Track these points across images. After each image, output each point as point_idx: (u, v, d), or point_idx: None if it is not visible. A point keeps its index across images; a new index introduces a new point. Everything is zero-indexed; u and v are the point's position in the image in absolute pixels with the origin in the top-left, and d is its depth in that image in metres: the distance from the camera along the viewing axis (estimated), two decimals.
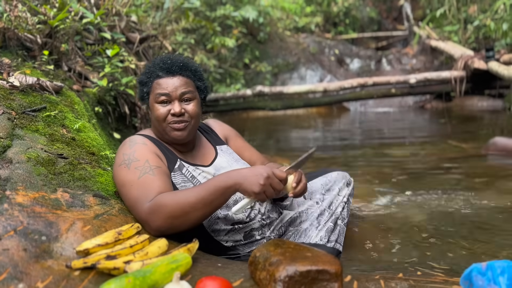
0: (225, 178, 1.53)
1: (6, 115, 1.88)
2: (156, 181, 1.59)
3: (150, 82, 1.77)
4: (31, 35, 2.53)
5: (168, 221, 1.50)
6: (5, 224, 1.32)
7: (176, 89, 1.73)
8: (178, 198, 1.52)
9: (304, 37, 10.73)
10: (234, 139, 2.06)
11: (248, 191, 1.50)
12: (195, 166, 1.80)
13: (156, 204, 1.51)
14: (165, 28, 4.36)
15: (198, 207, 1.51)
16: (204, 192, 1.51)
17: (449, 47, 7.45)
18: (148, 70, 1.79)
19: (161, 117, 1.73)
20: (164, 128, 1.75)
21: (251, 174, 1.50)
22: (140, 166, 1.62)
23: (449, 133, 5.63)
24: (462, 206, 2.55)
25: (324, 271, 1.22)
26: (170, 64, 1.75)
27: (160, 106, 1.73)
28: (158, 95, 1.72)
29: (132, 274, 1.14)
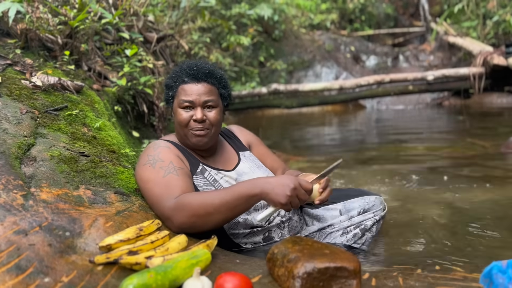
0: (251, 186, 1.54)
1: (29, 114, 1.93)
2: (179, 181, 1.63)
3: (176, 87, 1.81)
4: (52, 36, 2.59)
5: (191, 220, 1.54)
6: (30, 220, 1.36)
7: (200, 96, 1.76)
8: (203, 198, 1.55)
9: (320, 34, 10.68)
10: (257, 146, 2.09)
11: (274, 202, 1.51)
12: (217, 170, 1.83)
13: (180, 202, 1.55)
14: (182, 28, 4.40)
15: (221, 210, 1.54)
16: (228, 197, 1.54)
17: (467, 43, 7.34)
18: (175, 74, 1.83)
19: (183, 122, 1.77)
20: (186, 133, 1.79)
21: (277, 185, 1.51)
22: (164, 166, 1.66)
23: (468, 130, 5.56)
24: (480, 203, 2.53)
25: (342, 268, 1.23)
26: (196, 70, 1.78)
27: (183, 111, 1.77)
28: (182, 101, 1.77)
29: (153, 269, 1.16)
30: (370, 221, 1.85)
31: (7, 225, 1.32)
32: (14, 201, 1.42)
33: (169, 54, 3.97)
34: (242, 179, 1.84)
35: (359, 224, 1.85)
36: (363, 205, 1.91)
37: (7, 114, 1.86)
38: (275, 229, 1.82)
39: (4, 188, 1.45)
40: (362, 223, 1.85)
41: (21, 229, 1.32)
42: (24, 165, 1.62)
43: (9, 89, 2.04)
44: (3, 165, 1.54)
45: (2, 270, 1.16)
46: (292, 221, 1.87)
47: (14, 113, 1.88)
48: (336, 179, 3.43)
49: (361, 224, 1.85)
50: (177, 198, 1.57)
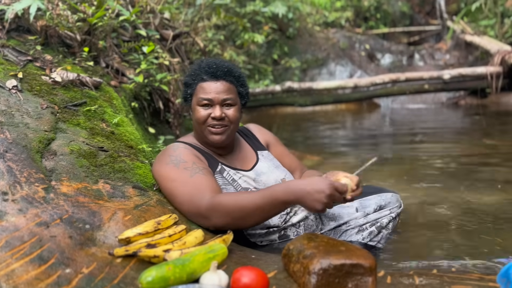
0: (287, 192, 1.53)
1: (49, 109, 1.97)
2: (208, 180, 1.66)
3: (194, 84, 1.83)
4: (71, 33, 2.63)
5: (227, 220, 1.57)
6: (52, 213, 1.40)
7: (218, 94, 1.78)
8: (239, 201, 1.57)
9: (334, 32, 10.61)
10: (275, 146, 2.10)
11: (310, 208, 1.52)
12: (235, 170, 1.85)
13: (216, 203, 1.58)
14: (197, 25, 4.42)
15: (256, 213, 1.57)
16: (264, 202, 1.55)
17: (485, 42, 7.23)
18: (194, 72, 1.84)
19: (201, 119, 1.79)
20: (203, 130, 1.81)
21: (313, 191, 1.49)
22: (189, 167, 1.69)
23: (484, 130, 5.49)
24: (497, 203, 2.51)
25: (358, 265, 1.23)
26: (215, 68, 1.79)
27: (202, 109, 1.79)
28: (200, 99, 1.78)
29: (172, 262, 1.19)
30: (386, 219, 1.85)
31: (29, 217, 1.35)
32: (36, 193, 1.46)
33: (185, 52, 3.99)
34: (261, 179, 1.86)
35: (375, 221, 1.85)
36: (379, 202, 1.91)
37: (28, 109, 1.90)
38: (291, 227, 1.83)
39: (26, 181, 1.48)
40: (378, 220, 1.85)
41: (43, 221, 1.35)
42: (45, 159, 1.66)
43: (30, 85, 2.08)
44: (25, 159, 1.58)
45: (25, 260, 1.20)
46: (308, 220, 1.88)
47: (35, 108, 1.92)
48: None
49: (376, 222, 1.85)
50: (211, 198, 1.59)
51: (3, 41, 2.39)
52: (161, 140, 2.74)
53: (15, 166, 1.52)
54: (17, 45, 2.44)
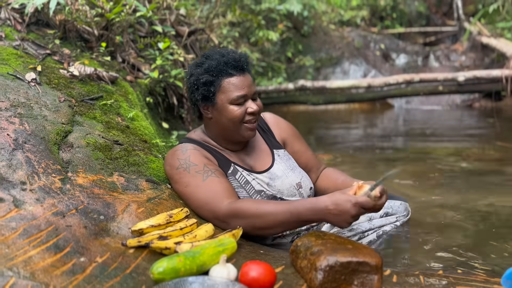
0: (311, 212, 1.49)
1: (67, 102, 2.02)
2: (222, 183, 1.65)
3: (219, 81, 1.70)
4: (89, 27, 2.68)
5: (247, 228, 1.55)
6: (67, 203, 1.45)
7: (250, 88, 1.72)
8: (260, 210, 1.54)
9: (349, 31, 10.57)
10: (292, 142, 2.02)
11: (335, 225, 1.51)
12: (248, 172, 1.81)
13: (236, 210, 1.56)
14: (212, 22, 4.46)
15: (276, 226, 1.55)
16: (287, 217, 1.52)
17: (501, 45, 7.15)
18: (214, 68, 1.70)
19: (239, 118, 1.71)
20: (238, 128, 1.74)
21: (338, 213, 1.44)
22: (200, 170, 1.67)
23: (498, 133, 5.43)
24: (507, 207, 2.50)
25: (364, 263, 1.26)
26: (241, 62, 1.72)
27: (236, 107, 1.70)
28: (236, 97, 1.69)
29: (182, 254, 1.22)
30: (389, 227, 1.82)
31: (46, 206, 1.40)
32: (53, 184, 1.50)
33: (199, 48, 4.03)
34: (275, 184, 1.80)
35: (378, 228, 1.82)
36: (387, 207, 1.86)
37: (47, 101, 1.95)
38: (304, 232, 1.83)
39: (44, 172, 1.53)
40: (381, 228, 1.81)
41: (59, 211, 1.40)
42: (62, 151, 1.71)
43: (48, 78, 2.14)
44: (43, 150, 1.63)
45: (42, 248, 1.24)
46: (320, 225, 1.87)
47: (53, 101, 1.97)
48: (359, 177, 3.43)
49: (379, 229, 1.82)
50: (230, 204, 1.57)
51: (23, 34, 2.45)
52: (174, 135, 2.79)
53: (33, 157, 1.57)
54: (36, 38, 2.50)
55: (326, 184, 2.00)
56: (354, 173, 3.61)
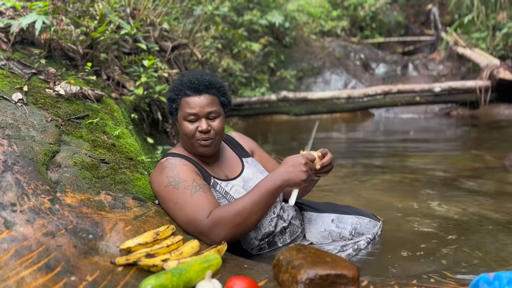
0: (273, 179, 1.73)
1: (54, 122, 2.06)
2: (208, 197, 1.75)
3: (178, 99, 1.90)
4: (74, 46, 2.73)
5: (231, 231, 1.68)
6: (57, 223, 1.49)
7: (203, 108, 1.86)
8: (236, 207, 1.69)
9: (330, 41, 10.78)
10: (258, 152, 2.20)
11: (297, 183, 1.72)
12: (226, 182, 1.93)
13: (216, 218, 1.68)
14: (195, 36, 4.53)
15: (255, 210, 1.70)
16: (257, 197, 1.71)
17: (475, 56, 7.40)
18: (177, 88, 1.91)
19: (189, 134, 1.87)
20: (193, 143, 1.89)
21: (292, 168, 1.72)
22: (189, 186, 1.76)
23: (473, 142, 5.63)
24: (479, 215, 2.61)
25: (342, 275, 1.34)
26: (197, 83, 1.87)
27: (189, 124, 1.87)
28: (187, 114, 1.86)
29: (169, 271, 1.28)
30: (363, 241, 1.95)
31: (36, 227, 1.45)
32: (42, 205, 1.55)
33: (183, 62, 4.10)
34: (249, 185, 1.95)
35: (353, 244, 1.94)
36: (355, 224, 2.00)
37: (34, 122, 1.99)
38: (278, 234, 1.94)
39: (33, 193, 1.58)
40: (356, 243, 1.93)
41: (49, 231, 1.45)
42: (50, 171, 1.75)
43: (34, 98, 2.18)
44: (32, 171, 1.67)
45: (34, 269, 1.29)
46: (293, 226, 2.00)
47: (40, 121, 2.02)
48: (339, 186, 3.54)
49: (355, 245, 1.94)
50: (210, 216, 1.68)
51: (8, 54, 2.49)
52: (160, 150, 2.84)
53: (22, 178, 1.61)
54: (22, 58, 2.54)
55: None
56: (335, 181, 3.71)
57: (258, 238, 1.89)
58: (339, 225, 2.01)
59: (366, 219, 2.02)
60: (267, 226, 1.90)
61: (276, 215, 1.92)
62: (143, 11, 3.38)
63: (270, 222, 1.91)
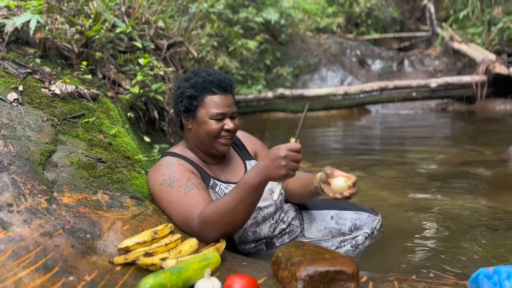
0: (252, 176, 1.62)
1: (50, 121, 2.05)
2: (202, 195, 1.73)
3: (202, 96, 1.85)
4: (69, 45, 2.71)
5: (220, 230, 1.65)
6: (55, 223, 1.48)
7: (229, 107, 1.86)
8: (220, 207, 1.64)
9: (326, 38, 10.76)
10: (262, 152, 2.17)
11: (277, 178, 1.59)
12: (226, 184, 1.91)
13: (203, 219, 1.65)
14: (191, 34, 4.52)
15: (240, 209, 1.63)
16: (239, 195, 1.63)
17: (471, 51, 7.41)
18: (201, 85, 1.85)
19: (215, 132, 1.85)
20: (213, 141, 1.87)
21: (271, 162, 1.58)
22: (183, 184, 1.75)
23: (470, 137, 5.64)
24: (478, 210, 2.62)
25: (341, 271, 1.33)
26: (225, 82, 1.87)
27: (214, 122, 1.84)
28: (215, 113, 1.83)
29: (168, 270, 1.28)
30: (361, 237, 1.95)
31: (34, 227, 1.44)
32: (39, 205, 1.54)
33: (179, 60, 4.09)
34: None
35: (351, 239, 1.95)
36: (355, 219, 2.00)
37: (30, 121, 1.98)
38: (277, 236, 1.94)
39: (30, 193, 1.57)
40: (354, 239, 1.94)
41: (46, 231, 1.44)
42: (47, 171, 1.74)
43: (30, 97, 2.17)
44: (28, 171, 1.66)
45: (31, 269, 1.28)
46: (293, 227, 2.00)
47: (35, 121, 2.00)
48: None
49: (353, 240, 1.94)
50: (198, 216, 1.66)
51: (3, 53, 2.47)
52: (156, 149, 2.83)
53: (19, 178, 1.60)
54: (17, 57, 2.52)
55: (292, 184, 2.08)
56: None
57: (256, 240, 1.89)
58: (338, 222, 2.01)
59: (365, 214, 2.02)
60: (267, 232, 1.90)
61: (275, 221, 1.91)
62: (138, 9, 3.37)
63: (270, 228, 1.90)
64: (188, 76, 1.92)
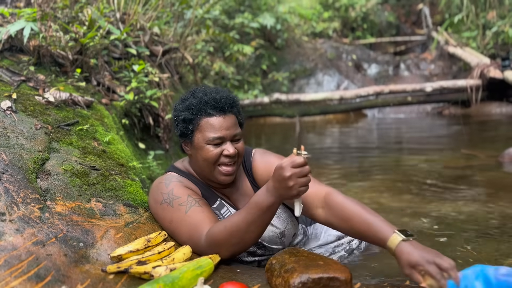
0: (265, 196, 1.49)
1: (43, 129, 2.05)
2: (204, 211, 1.62)
3: (198, 119, 1.69)
4: (63, 52, 2.71)
5: (230, 250, 1.56)
6: (47, 232, 1.48)
7: (229, 130, 1.68)
8: (229, 227, 1.53)
9: (322, 42, 10.80)
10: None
11: (287, 198, 1.46)
12: (234, 209, 1.80)
13: (211, 239, 1.55)
14: (186, 40, 4.53)
15: (251, 229, 1.53)
16: (251, 216, 1.51)
17: (466, 55, 7.45)
18: (195, 106, 1.69)
19: (213, 159, 1.68)
20: (213, 170, 1.71)
21: (278, 183, 1.44)
22: (183, 202, 1.64)
23: (466, 140, 5.66)
24: (473, 214, 2.62)
25: (334, 278, 1.33)
26: (223, 102, 1.68)
27: (212, 148, 1.68)
28: (212, 138, 1.66)
29: (162, 279, 1.27)
30: (355, 241, 1.91)
31: (26, 236, 1.43)
32: (32, 213, 1.54)
33: (174, 66, 4.09)
34: None
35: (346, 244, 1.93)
36: None
37: (23, 129, 1.98)
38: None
39: (22, 202, 1.56)
40: (349, 244, 1.92)
41: (39, 240, 1.43)
42: (40, 179, 1.74)
43: (24, 105, 2.16)
44: (21, 180, 1.66)
45: (23, 279, 1.28)
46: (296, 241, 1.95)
47: (29, 129, 2.00)
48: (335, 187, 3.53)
49: (347, 245, 1.92)
50: (206, 235, 1.56)
51: None
52: (151, 156, 2.83)
53: (11, 187, 1.60)
54: (11, 65, 2.52)
55: (337, 223, 1.66)
56: (330, 182, 3.72)
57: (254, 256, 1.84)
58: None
59: None
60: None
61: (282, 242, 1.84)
62: (133, 16, 3.37)
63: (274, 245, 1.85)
64: (185, 97, 1.76)
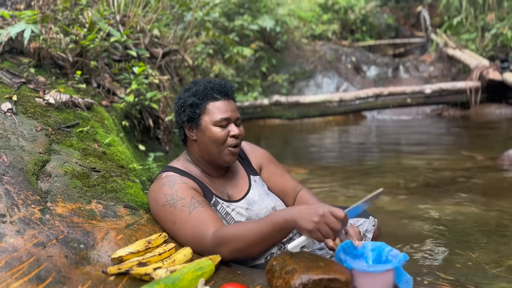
0: (283, 214, 1.52)
1: (44, 131, 2.05)
2: (208, 212, 1.66)
3: (204, 104, 1.81)
4: (64, 54, 2.71)
5: (233, 254, 1.58)
6: (48, 233, 1.48)
7: (233, 112, 1.83)
8: (241, 233, 1.57)
9: (321, 44, 10.82)
10: (267, 166, 2.08)
11: (301, 228, 1.46)
12: (228, 202, 1.85)
13: (219, 239, 1.58)
14: (186, 42, 4.53)
15: (259, 242, 1.56)
16: (264, 228, 1.54)
17: (465, 57, 7.47)
18: (202, 92, 1.82)
19: (221, 139, 1.80)
20: (221, 150, 1.82)
21: (306, 211, 1.45)
22: (187, 203, 1.68)
23: (465, 142, 5.67)
24: (473, 216, 2.63)
25: (335, 279, 1.34)
26: (226, 88, 1.84)
27: (219, 129, 1.80)
28: (219, 119, 1.79)
29: (162, 281, 1.27)
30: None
31: (27, 238, 1.43)
32: (33, 215, 1.54)
33: (174, 68, 4.10)
34: (252, 209, 1.87)
35: None
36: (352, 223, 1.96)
37: (23, 131, 1.98)
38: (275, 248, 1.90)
39: (23, 203, 1.56)
40: None
41: (39, 241, 1.44)
42: (41, 181, 1.74)
43: (24, 107, 2.17)
44: (21, 181, 1.66)
45: (24, 280, 1.28)
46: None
47: (29, 131, 2.00)
48: (334, 188, 3.54)
49: None
50: (213, 235, 1.59)
51: None
52: (151, 157, 2.83)
53: (12, 189, 1.60)
54: (11, 67, 2.52)
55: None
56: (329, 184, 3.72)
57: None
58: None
59: (360, 220, 2.00)
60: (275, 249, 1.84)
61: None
62: (133, 18, 3.38)
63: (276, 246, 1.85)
64: (188, 87, 1.89)
